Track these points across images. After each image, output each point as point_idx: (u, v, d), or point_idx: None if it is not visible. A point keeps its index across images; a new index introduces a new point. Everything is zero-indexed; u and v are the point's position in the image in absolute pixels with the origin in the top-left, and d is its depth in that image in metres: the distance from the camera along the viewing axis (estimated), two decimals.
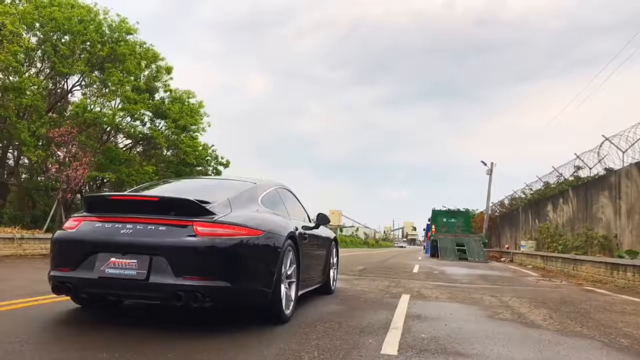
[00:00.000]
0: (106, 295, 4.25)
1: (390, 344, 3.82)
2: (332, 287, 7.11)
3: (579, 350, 4.00)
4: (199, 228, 3.86)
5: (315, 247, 5.98)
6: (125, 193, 4.92)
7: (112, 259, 3.81)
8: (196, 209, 3.97)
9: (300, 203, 6.41)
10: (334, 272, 7.21)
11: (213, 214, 4.00)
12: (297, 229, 5.04)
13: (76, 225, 4.15)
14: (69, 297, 4.52)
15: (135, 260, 3.78)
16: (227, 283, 3.83)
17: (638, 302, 7.76)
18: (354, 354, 3.49)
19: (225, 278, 3.84)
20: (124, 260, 3.80)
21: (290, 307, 4.69)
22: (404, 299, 6.67)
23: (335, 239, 7.28)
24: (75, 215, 4.34)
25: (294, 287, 4.82)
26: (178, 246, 3.79)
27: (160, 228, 3.89)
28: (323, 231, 6.61)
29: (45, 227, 16.08)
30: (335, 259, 7.29)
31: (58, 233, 4.31)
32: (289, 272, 4.67)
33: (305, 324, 4.55)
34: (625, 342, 4.40)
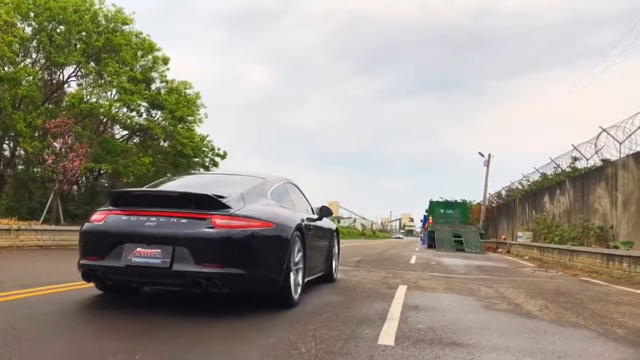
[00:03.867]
0: (131, 283, 4.68)
1: (387, 335, 3.83)
2: (334, 276, 7.48)
3: (575, 340, 4.02)
4: (217, 220, 4.20)
5: (318, 238, 6.34)
6: (148, 189, 5.30)
7: (138, 249, 4.16)
8: (214, 203, 4.32)
9: (304, 196, 6.78)
10: (335, 262, 7.55)
11: (229, 207, 4.35)
12: (303, 220, 5.41)
13: (103, 218, 4.49)
14: (68, 288, 4.55)
15: (160, 250, 4.12)
16: (242, 270, 4.20)
17: (633, 292, 7.80)
18: (351, 344, 3.50)
19: (241, 266, 4.20)
20: (149, 250, 4.14)
21: (298, 292, 5.06)
22: (401, 290, 6.69)
23: (336, 230, 7.67)
24: (101, 209, 4.70)
25: (301, 273, 5.18)
26: (198, 237, 4.14)
27: (182, 221, 4.22)
28: (326, 222, 6.95)
29: (41, 218, 16.04)
30: (337, 249, 7.64)
31: (86, 225, 4.64)
32: (296, 260, 5.01)
33: (302, 315, 4.56)
34: (621, 332, 4.43)
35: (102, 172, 22.22)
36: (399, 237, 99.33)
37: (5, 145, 19.63)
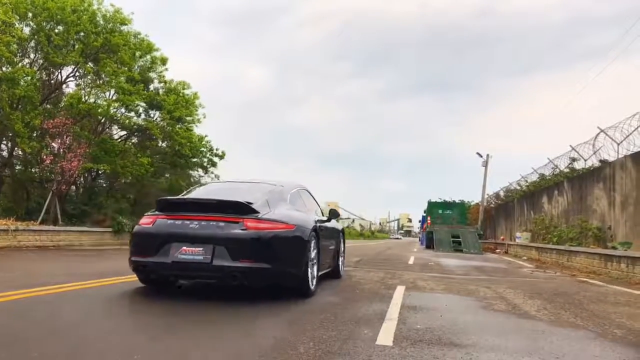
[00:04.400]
0: (176, 276, 5.61)
1: (386, 335, 3.83)
2: (341, 272, 8.21)
3: (573, 340, 4.03)
4: (248, 223, 5.01)
5: (329, 238, 7.11)
6: (191, 197, 6.13)
7: (184, 248, 4.94)
8: (245, 209, 5.12)
9: (315, 200, 7.62)
10: (342, 259, 8.35)
11: (257, 212, 5.16)
12: (316, 222, 6.19)
13: (151, 221, 5.27)
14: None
15: (202, 248, 4.90)
16: (269, 265, 4.98)
17: (631, 293, 7.81)
18: (350, 344, 3.50)
19: (268, 261, 4.98)
20: (193, 248, 4.92)
21: (314, 284, 5.84)
22: (399, 290, 6.70)
23: (342, 231, 8.48)
24: (149, 213, 5.48)
25: (315, 268, 5.96)
26: (234, 237, 4.95)
27: (220, 224, 5.01)
28: (334, 224, 7.72)
29: (39, 219, 16.00)
30: (343, 247, 8.44)
31: (137, 228, 5.44)
32: (312, 257, 5.77)
33: (301, 315, 4.56)
34: (619, 332, 4.43)
35: (100, 172, 22.15)
36: (398, 238, 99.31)
37: (3, 146, 19.56)
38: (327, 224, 7.10)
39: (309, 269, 5.59)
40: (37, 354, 3.01)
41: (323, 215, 7.32)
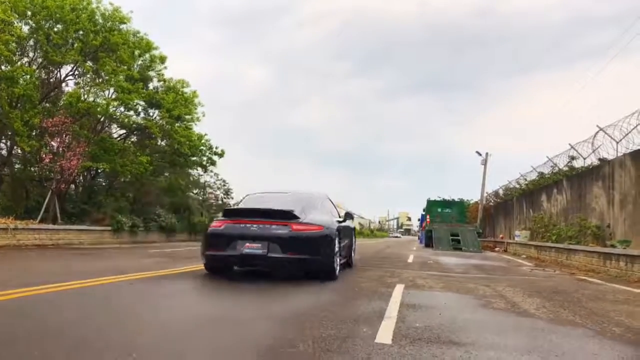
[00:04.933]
0: (243, 265, 7.61)
1: (385, 333, 3.84)
2: (353, 261, 10.31)
3: (572, 338, 4.04)
4: (293, 226, 6.87)
5: (345, 235, 8.82)
6: (249, 207, 7.82)
7: (247, 244, 6.79)
8: (290, 215, 6.98)
9: (333, 205, 9.42)
10: (353, 252, 10.34)
11: (298, 217, 7.02)
12: (338, 223, 8.07)
13: (221, 225, 7.20)
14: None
15: (261, 245, 6.74)
16: (308, 256, 6.84)
17: (630, 291, 7.82)
18: (349, 342, 3.51)
19: (307, 253, 6.83)
20: (254, 244, 6.76)
21: (337, 270, 7.61)
22: (399, 289, 6.70)
23: (354, 229, 10.52)
24: (218, 219, 7.57)
25: (338, 257, 7.72)
26: (283, 236, 6.78)
27: (273, 226, 6.88)
28: (349, 223, 9.59)
29: (39, 217, 16.00)
30: (354, 243, 10.61)
31: (211, 229, 7.29)
32: (336, 250, 7.50)
33: (300, 314, 4.57)
34: (618, 330, 4.44)
35: (99, 171, 22.15)
36: (397, 236, 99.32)
37: (2, 144, 19.53)
38: (344, 224, 8.81)
39: (334, 259, 7.36)
40: (37, 352, 3.02)
41: (340, 217, 8.98)
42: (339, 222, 8.35)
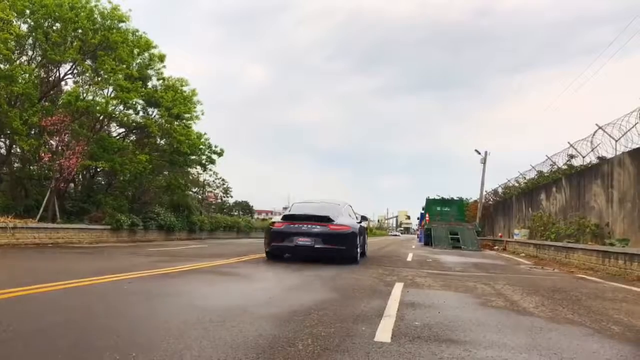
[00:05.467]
0: (296, 253, 10.48)
1: (384, 332, 3.84)
2: (366, 253, 13.48)
3: (571, 337, 4.04)
4: (330, 226, 10.08)
5: (362, 233, 11.95)
6: (299, 213, 10.72)
7: (299, 238, 10.00)
8: (327, 219, 10.19)
9: (352, 210, 12.58)
10: (366, 245, 13.52)
11: (333, 220, 10.23)
12: (358, 224, 11.34)
13: (281, 225, 10.39)
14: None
15: (309, 239, 9.97)
16: (342, 247, 10.12)
17: (629, 289, 7.83)
18: (348, 341, 3.51)
19: (339, 245, 10.07)
20: (305, 239, 10.00)
21: (358, 258, 10.96)
22: (398, 287, 6.71)
23: (366, 227, 14.31)
24: (278, 221, 10.67)
25: (358, 248, 10.88)
26: (324, 233, 9.96)
27: (317, 226, 10.07)
28: (364, 224, 12.75)
29: (38, 216, 16.00)
30: (367, 238, 14.10)
31: (274, 229, 10.42)
32: (357, 243, 10.74)
33: (299, 312, 4.57)
34: (617, 329, 4.45)
35: (98, 169, 22.15)
36: (396, 235, 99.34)
37: (1, 143, 19.54)
38: (361, 225, 11.96)
39: (357, 250, 10.71)
40: (37, 352, 3.01)
41: (358, 219, 12.16)
42: (358, 223, 11.62)
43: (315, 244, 9.89)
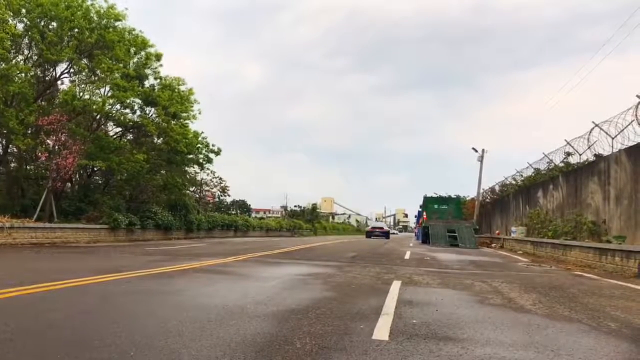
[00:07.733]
0: (377, 236, 42.13)
1: (382, 330, 3.85)
2: (389, 238, 44.49)
3: (568, 333, 4.06)
4: (384, 229, 48.12)
5: (388, 231, 47.60)
6: (373, 226, 53.86)
7: (377, 233, 44.32)
8: (385, 228, 49.01)
9: (385, 224, 70.62)
10: (389, 236, 46.06)
11: (387, 229, 49.28)
12: (389, 229, 56.91)
13: (370, 228, 49.56)
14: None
15: (380, 233, 44.05)
16: (386, 235, 44.63)
17: (626, 286, 7.87)
18: (346, 339, 3.52)
19: (387, 236, 43.83)
20: (379, 233, 43.91)
21: (389, 240, 38.15)
22: (395, 285, 6.72)
23: (389, 230, 52.91)
24: (369, 227, 53.56)
25: (389, 237, 45.49)
26: (385, 231, 45.92)
27: (381, 230, 45.95)
28: (388, 229, 52.79)
29: (35, 216, 15.96)
30: (390, 233, 50.89)
31: (368, 229, 49.60)
32: (390, 234, 48.84)
33: (297, 311, 4.57)
34: (613, 325, 4.47)
35: (95, 169, 22.09)
36: (394, 233, 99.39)
37: None
38: (388, 229, 50.24)
39: (389, 236, 44.68)
40: (37, 351, 3.01)
41: (388, 226, 69.65)
42: (389, 227, 62.80)
43: (384, 235, 42.21)
